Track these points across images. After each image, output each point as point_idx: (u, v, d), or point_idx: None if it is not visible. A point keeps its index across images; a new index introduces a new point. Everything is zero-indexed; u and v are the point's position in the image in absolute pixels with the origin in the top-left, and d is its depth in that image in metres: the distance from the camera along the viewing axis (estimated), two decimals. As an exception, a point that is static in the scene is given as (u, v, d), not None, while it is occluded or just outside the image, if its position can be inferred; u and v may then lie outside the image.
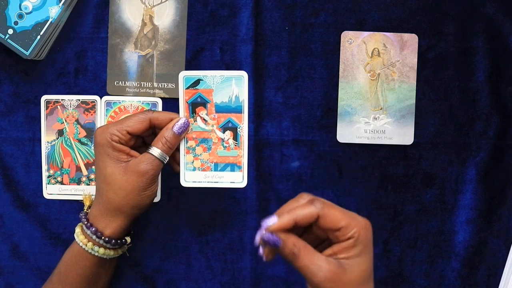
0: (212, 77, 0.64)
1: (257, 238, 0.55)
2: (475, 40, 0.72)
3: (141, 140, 0.67)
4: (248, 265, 0.73)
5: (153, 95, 0.72)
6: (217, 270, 0.73)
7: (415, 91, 0.72)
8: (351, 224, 0.54)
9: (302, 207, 0.54)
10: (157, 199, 0.72)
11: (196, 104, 0.64)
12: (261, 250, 0.56)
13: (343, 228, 0.53)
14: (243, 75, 0.63)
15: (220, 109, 0.64)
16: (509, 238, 0.73)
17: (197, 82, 0.64)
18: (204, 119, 0.64)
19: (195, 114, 0.64)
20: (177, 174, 0.66)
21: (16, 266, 0.74)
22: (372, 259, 0.56)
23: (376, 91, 0.72)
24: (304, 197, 0.56)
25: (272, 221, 0.54)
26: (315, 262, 0.53)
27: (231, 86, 0.64)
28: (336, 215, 0.54)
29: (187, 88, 0.64)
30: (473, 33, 0.72)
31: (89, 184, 0.72)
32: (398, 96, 0.72)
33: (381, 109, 0.72)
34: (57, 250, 0.73)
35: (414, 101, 0.72)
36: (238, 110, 0.64)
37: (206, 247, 0.73)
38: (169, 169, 0.68)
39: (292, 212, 0.54)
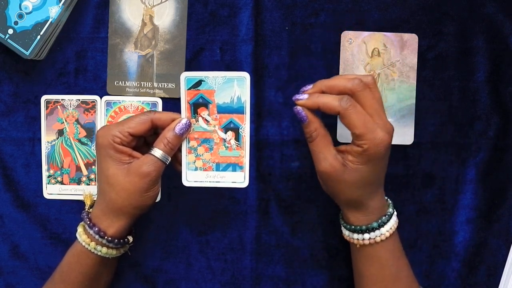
0: (214, 78, 0.64)
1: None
2: (475, 40, 0.72)
3: (143, 140, 0.67)
4: (248, 265, 0.73)
5: (153, 95, 0.72)
6: (217, 270, 0.73)
7: (415, 91, 0.72)
8: (365, 136, 0.59)
9: (331, 97, 0.60)
10: (157, 199, 0.72)
11: (198, 105, 0.64)
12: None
13: (356, 136, 0.59)
14: (245, 76, 0.63)
15: (222, 109, 0.64)
16: (509, 238, 0.73)
17: (199, 83, 0.64)
18: (206, 120, 0.64)
19: (197, 114, 0.64)
20: (177, 174, 0.66)
21: (16, 266, 0.74)
22: (377, 171, 0.61)
23: (376, 91, 0.72)
24: (348, 81, 0.61)
25: (301, 97, 0.61)
26: (324, 152, 0.61)
27: (233, 87, 0.64)
28: (354, 122, 0.59)
29: (188, 89, 0.64)
30: (473, 33, 0.72)
31: (89, 184, 0.72)
32: (398, 96, 0.72)
33: (381, 109, 0.72)
34: (57, 250, 0.73)
35: (414, 101, 0.72)
36: (240, 110, 0.64)
37: (206, 247, 0.73)
38: (169, 169, 0.68)
39: (319, 98, 0.60)
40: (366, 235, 0.63)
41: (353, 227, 0.63)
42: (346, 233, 0.65)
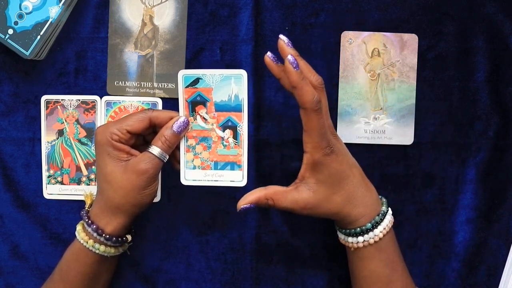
0: (211, 76, 0.64)
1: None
2: (475, 40, 0.72)
3: (141, 139, 0.67)
4: (248, 265, 0.73)
5: (153, 95, 0.72)
6: (217, 270, 0.73)
7: (415, 91, 0.72)
8: (314, 139, 0.60)
9: (310, 90, 0.59)
10: (157, 199, 0.72)
11: (196, 103, 0.64)
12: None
13: (306, 136, 0.61)
14: (242, 73, 0.63)
15: (219, 107, 0.64)
16: (509, 238, 0.73)
17: (197, 80, 0.64)
18: (204, 118, 0.65)
19: (195, 112, 0.65)
20: (176, 174, 0.66)
21: (16, 266, 0.74)
22: (335, 176, 0.61)
23: (376, 91, 0.72)
24: (314, 76, 0.62)
25: (294, 62, 0.59)
26: (289, 199, 0.62)
27: (230, 84, 0.64)
28: (313, 124, 0.60)
29: (186, 87, 0.64)
30: (473, 33, 0.72)
31: (89, 184, 0.72)
32: (398, 96, 0.72)
33: (381, 109, 0.72)
34: (57, 250, 0.73)
35: (414, 101, 0.72)
36: (237, 108, 0.64)
37: (206, 247, 0.73)
38: (169, 169, 0.68)
39: (304, 82, 0.59)
40: (360, 238, 0.63)
41: (347, 230, 0.64)
42: (341, 236, 0.65)
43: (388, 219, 0.63)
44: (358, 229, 0.62)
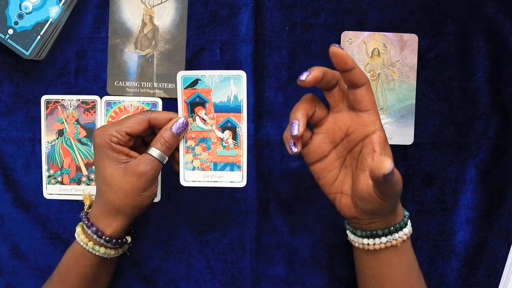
0: (210, 77, 0.64)
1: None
2: (475, 40, 0.72)
3: (141, 140, 0.67)
4: (248, 265, 0.73)
5: (153, 95, 0.72)
6: (217, 270, 0.73)
7: (415, 91, 0.72)
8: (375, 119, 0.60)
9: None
10: (157, 199, 0.72)
11: (195, 104, 0.64)
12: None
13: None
14: (242, 74, 0.63)
15: (219, 108, 0.64)
16: (509, 238, 0.73)
17: (195, 82, 0.64)
18: (203, 119, 0.65)
19: (194, 114, 0.64)
20: (176, 174, 0.66)
21: (16, 266, 0.74)
22: None
23: (376, 91, 0.72)
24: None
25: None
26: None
27: (229, 85, 0.64)
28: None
29: (185, 88, 0.64)
30: (473, 33, 0.72)
31: (89, 184, 0.73)
32: (398, 96, 0.72)
33: (381, 109, 0.72)
34: (57, 250, 0.73)
35: (414, 101, 0.72)
36: (237, 109, 0.64)
37: (206, 247, 0.73)
38: (169, 169, 0.68)
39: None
40: (406, 230, 0.61)
41: (392, 228, 0.61)
42: (383, 240, 0.61)
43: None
44: (402, 222, 0.61)
